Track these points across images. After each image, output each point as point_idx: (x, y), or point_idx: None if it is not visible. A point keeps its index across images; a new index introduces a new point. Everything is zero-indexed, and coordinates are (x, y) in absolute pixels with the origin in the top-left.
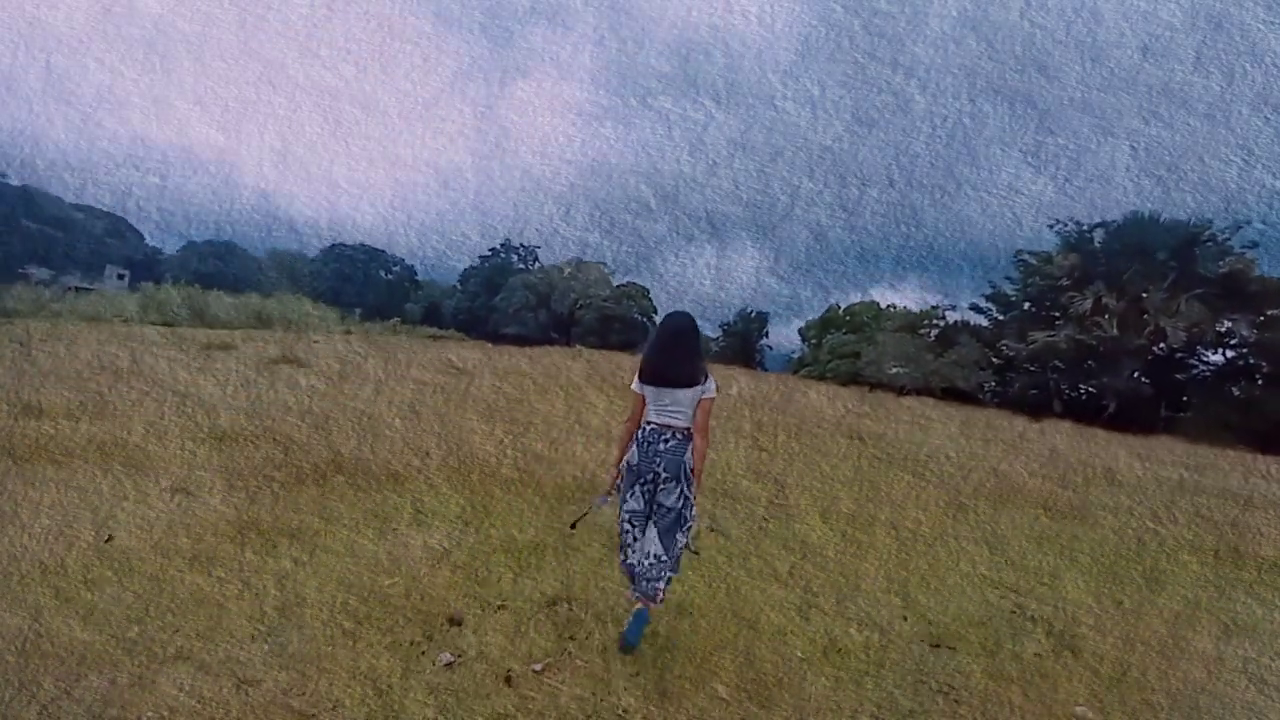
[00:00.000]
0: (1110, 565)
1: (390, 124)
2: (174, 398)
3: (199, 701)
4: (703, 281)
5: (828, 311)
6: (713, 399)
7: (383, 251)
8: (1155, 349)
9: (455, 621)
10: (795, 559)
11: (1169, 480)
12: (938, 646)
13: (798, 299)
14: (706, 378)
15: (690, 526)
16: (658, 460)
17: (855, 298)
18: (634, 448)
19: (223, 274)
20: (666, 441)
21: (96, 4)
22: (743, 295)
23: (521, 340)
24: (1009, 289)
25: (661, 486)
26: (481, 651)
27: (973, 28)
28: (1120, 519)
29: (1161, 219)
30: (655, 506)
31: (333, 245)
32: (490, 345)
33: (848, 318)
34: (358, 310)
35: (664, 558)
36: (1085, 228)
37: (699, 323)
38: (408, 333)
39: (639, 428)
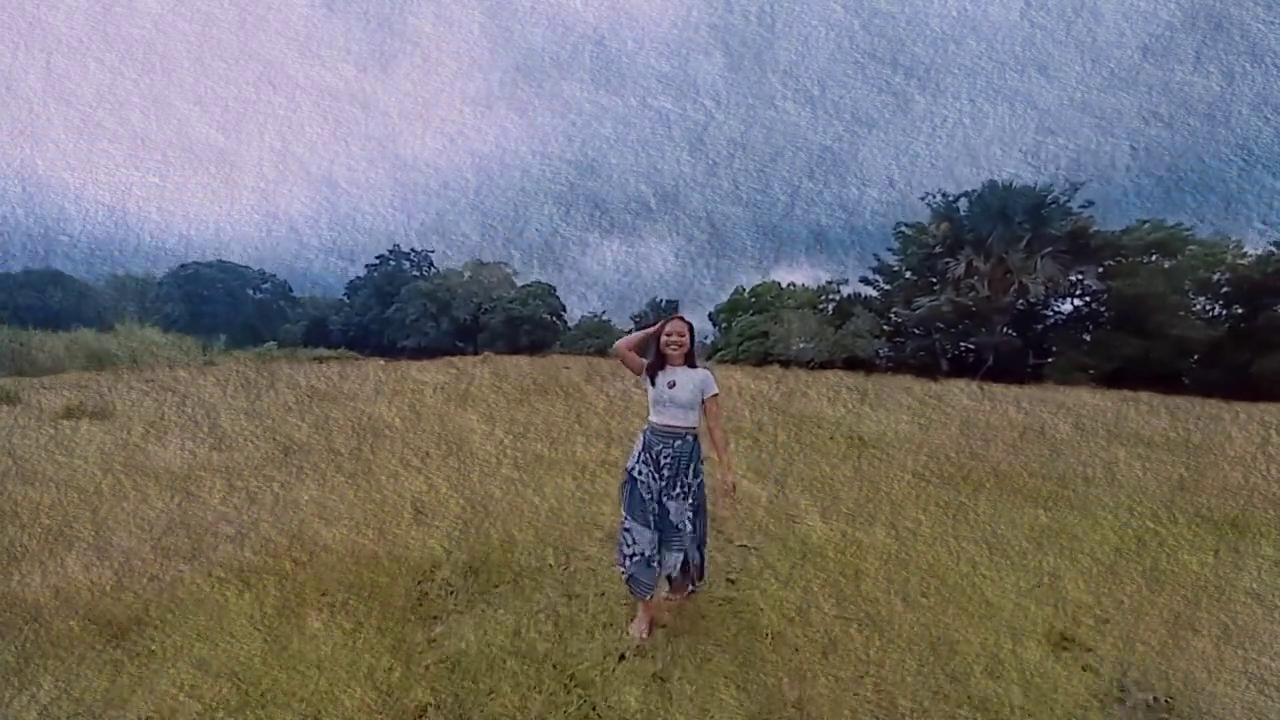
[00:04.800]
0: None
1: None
2: None
3: None
4: (610, 274)
5: (734, 294)
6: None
7: (247, 268)
8: (1018, 304)
9: None
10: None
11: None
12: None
13: (705, 285)
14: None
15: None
16: None
17: (757, 279)
18: None
19: (45, 308)
20: None
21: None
22: (650, 285)
23: (421, 352)
24: (892, 260)
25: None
26: None
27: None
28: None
29: (1014, 185)
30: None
31: (183, 265)
32: (384, 361)
33: (753, 299)
34: (222, 336)
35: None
36: (951, 198)
37: (609, 318)
38: (284, 356)
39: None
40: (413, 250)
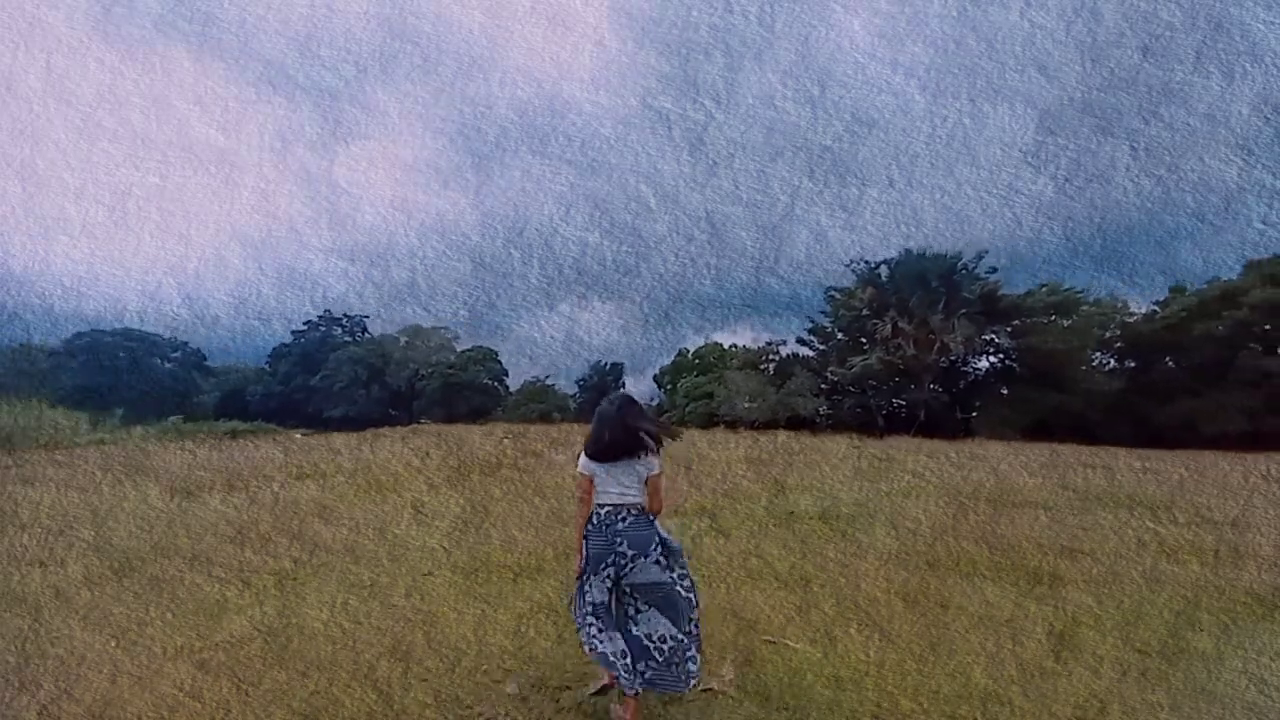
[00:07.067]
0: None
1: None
2: None
3: None
4: (553, 340)
5: (678, 356)
6: (659, 475)
7: (157, 335)
8: (941, 362)
9: None
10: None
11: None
12: None
13: (648, 347)
14: (649, 453)
15: (695, 604)
16: (619, 540)
17: (700, 341)
18: (590, 535)
19: None
20: (624, 520)
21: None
22: (596, 350)
23: (349, 422)
24: (825, 321)
25: (631, 565)
26: None
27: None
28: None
29: (927, 253)
30: (634, 589)
31: (80, 334)
32: (302, 435)
33: (697, 360)
34: (119, 411)
35: (680, 636)
36: (873, 264)
37: (551, 381)
38: (188, 432)
39: (594, 512)
40: (345, 316)
